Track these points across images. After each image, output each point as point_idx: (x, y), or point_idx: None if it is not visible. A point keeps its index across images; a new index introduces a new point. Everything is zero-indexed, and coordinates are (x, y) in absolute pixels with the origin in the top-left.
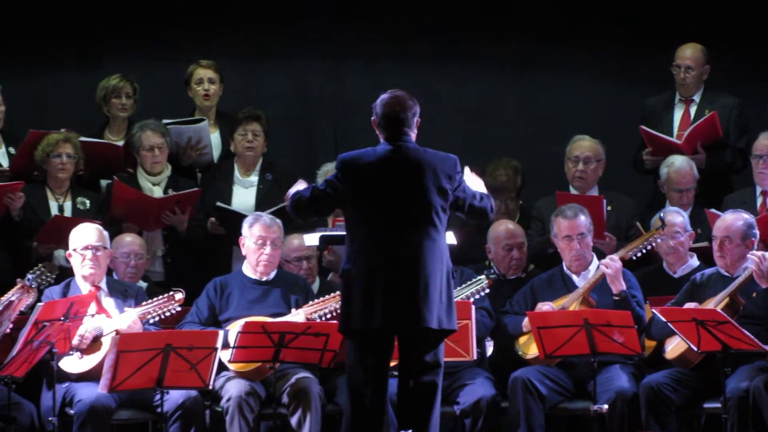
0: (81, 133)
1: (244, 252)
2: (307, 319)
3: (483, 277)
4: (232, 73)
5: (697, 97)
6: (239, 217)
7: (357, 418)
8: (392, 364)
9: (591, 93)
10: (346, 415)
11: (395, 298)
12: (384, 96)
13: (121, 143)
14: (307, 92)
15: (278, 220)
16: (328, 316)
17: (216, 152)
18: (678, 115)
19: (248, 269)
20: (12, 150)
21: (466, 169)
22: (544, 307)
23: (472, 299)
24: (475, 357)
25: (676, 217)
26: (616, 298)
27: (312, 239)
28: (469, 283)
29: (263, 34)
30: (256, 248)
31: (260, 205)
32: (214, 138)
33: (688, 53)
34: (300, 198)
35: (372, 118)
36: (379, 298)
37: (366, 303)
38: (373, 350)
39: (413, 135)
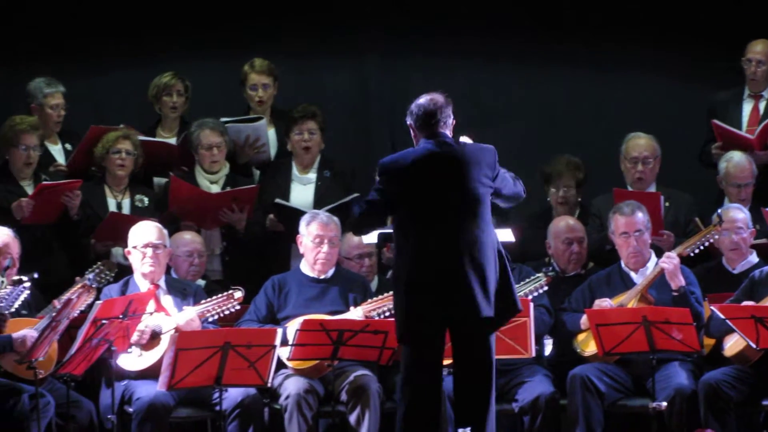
0: (135, 131)
1: (301, 250)
2: (366, 317)
3: (541, 274)
4: (289, 71)
5: (766, 93)
6: (298, 214)
7: (412, 415)
8: (447, 362)
9: (647, 88)
10: (401, 412)
11: (448, 291)
12: (419, 99)
13: (173, 141)
14: (365, 89)
15: (335, 218)
16: (387, 314)
17: (272, 150)
18: (747, 110)
19: (306, 267)
20: (69, 146)
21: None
22: (603, 303)
23: (530, 297)
24: (533, 354)
25: (738, 213)
26: (675, 294)
27: (370, 237)
28: (527, 280)
29: (321, 31)
30: (314, 246)
31: (318, 202)
32: (270, 135)
33: (760, 48)
34: (354, 219)
35: (408, 122)
36: (433, 293)
37: (420, 298)
38: (427, 346)
39: (449, 134)
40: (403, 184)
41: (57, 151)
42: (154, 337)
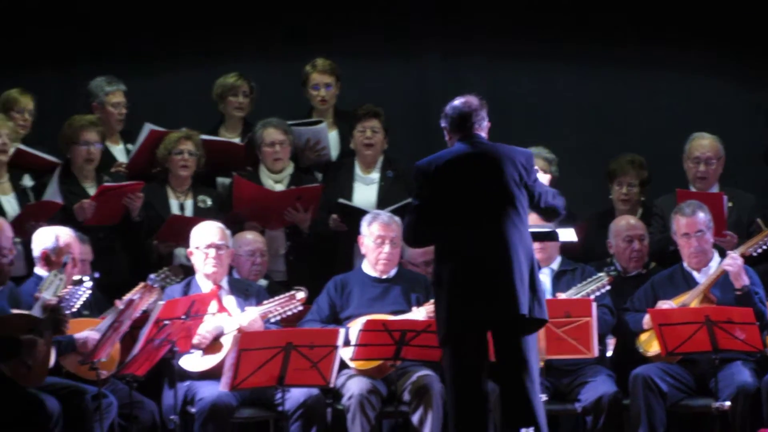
0: (197, 131)
1: (363, 250)
2: (428, 317)
3: (603, 274)
4: (351, 72)
5: None
6: (361, 214)
7: (461, 414)
8: None
9: (712, 88)
10: (452, 414)
11: (488, 290)
12: (453, 102)
13: (236, 141)
14: (426, 90)
15: (397, 218)
16: None
17: (334, 151)
18: None
19: (368, 267)
20: (130, 146)
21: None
22: (663, 305)
23: (593, 296)
24: (596, 354)
25: None
26: (738, 293)
27: None
28: (589, 280)
29: (383, 31)
30: (375, 247)
31: (381, 202)
32: (333, 137)
33: None
34: (407, 224)
35: (442, 125)
36: (472, 292)
37: (460, 299)
38: (468, 349)
39: (484, 136)
40: (438, 186)
41: (119, 151)
42: (216, 338)
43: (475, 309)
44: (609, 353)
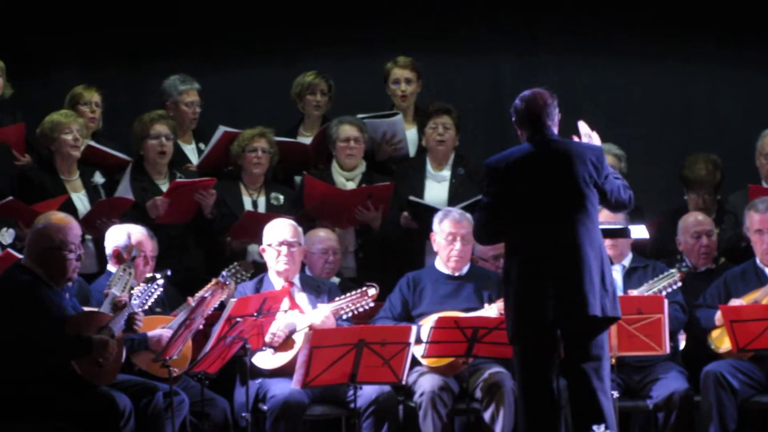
0: (274, 131)
1: (435, 248)
2: (500, 314)
3: (674, 270)
4: (427, 69)
5: None
6: (432, 212)
7: (531, 411)
8: None
9: None
10: (521, 410)
11: (557, 290)
12: (523, 94)
13: (308, 141)
14: (500, 87)
15: (468, 215)
16: None
17: (413, 148)
18: None
19: (440, 264)
20: (202, 146)
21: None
22: (735, 303)
23: (664, 293)
24: (667, 351)
25: None
26: None
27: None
28: (660, 276)
29: (458, 29)
30: (446, 244)
31: (452, 199)
32: (411, 134)
33: None
34: (477, 221)
35: (513, 119)
36: (541, 292)
37: (529, 298)
38: (540, 343)
39: (555, 130)
40: (508, 184)
41: (190, 150)
42: (289, 335)
43: (545, 309)
44: (681, 350)
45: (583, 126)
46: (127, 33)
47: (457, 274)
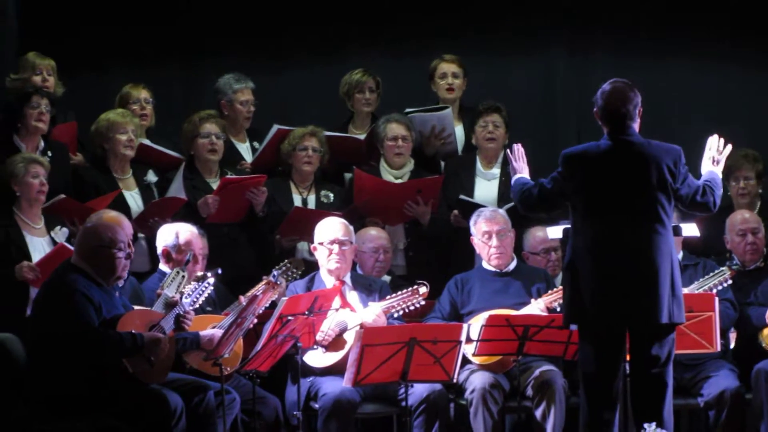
0: (324, 129)
1: (476, 250)
2: (548, 308)
3: (725, 268)
4: (477, 68)
5: None
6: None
7: (592, 409)
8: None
9: None
10: (583, 409)
11: (624, 293)
12: (604, 87)
13: (362, 137)
14: (551, 86)
15: (501, 211)
16: None
17: (459, 146)
18: None
19: (486, 264)
20: (256, 144)
21: (712, 153)
22: None
23: (714, 291)
24: (718, 349)
25: None
26: None
27: (555, 232)
28: (711, 274)
29: (509, 28)
30: (483, 243)
31: (502, 197)
32: (458, 131)
33: None
34: (529, 194)
35: (594, 109)
36: (608, 293)
37: (595, 297)
38: (604, 342)
39: (636, 126)
40: (583, 179)
41: (245, 149)
42: (340, 333)
43: (615, 311)
44: (731, 347)
45: (714, 141)
46: (181, 31)
47: (503, 270)
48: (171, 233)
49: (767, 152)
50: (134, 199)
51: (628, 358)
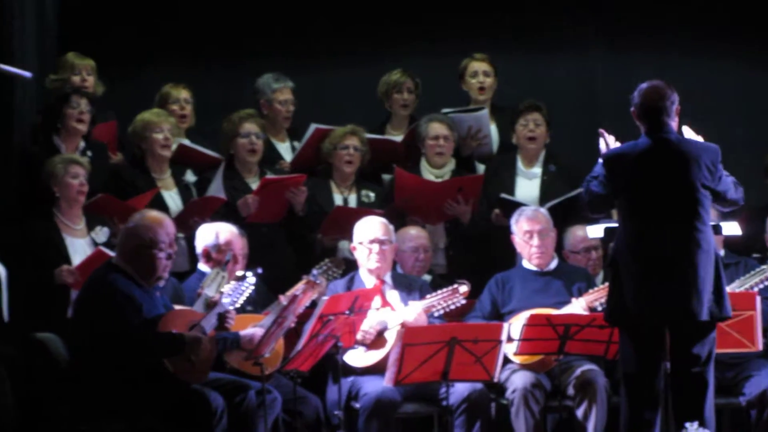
0: (363, 128)
1: (517, 248)
2: (589, 307)
3: (766, 266)
4: (516, 67)
5: None
6: None
7: (633, 409)
8: None
9: None
10: (624, 408)
11: (665, 291)
12: (642, 86)
13: (399, 139)
14: (592, 84)
15: (542, 210)
16: None
17: (493, 146)
18: None
19: (527, 262)
20: (296, 144)
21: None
22: None
23: (756, 289)
24: (760, 348)
25: None
26: None
27: (596, 231)
28: (752, 273)
29: (548, 25)
30: (524, 242)
31: (544, 196)
32: (491, 130)
33: None
34: (583, 198)
35: (631, 109)
36: (649, 291)
37: (636, 296)
38: (645, 341)
39: (673, 124)
40: (623, 179)
41: (285, 149)
42: (380, 333)
43: (656, 310)
44: None
45: (687, 131)
46: (221, 31)
47: (544, 269)
48: (211, 233)
49: None
50: (173, 199)
51: (668, 357)
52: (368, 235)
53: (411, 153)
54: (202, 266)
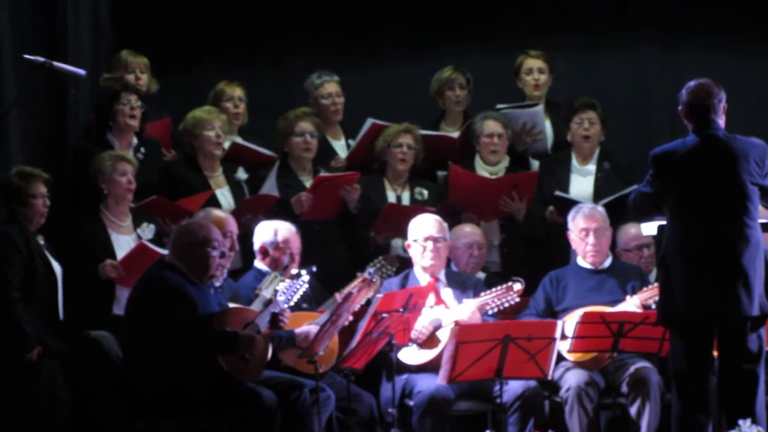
0: (420, 126)
1: (573, 245)
2: (643, 305)
3: None
4: (569, 64)
5: None
6: None
7: (684, 407)
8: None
9: None
10: (675, 406)
11: (715, 289)
12: (689, 84)
13: (455, 135)
14: (644, 82)
15: (600, 209)
16: None
17: (548, 142)
18: None
19: (581, 260)
20: (351, 142)
21: None
22: None
23: None
24: None
25: None
26: None
27: (649, 228)
28: None
29: (600, 23)
30: (580, 240)
31: (598, 193)
32: (546, 127)
33: None
34: (633, 199)
35: (679, 107)
36: (699, 289)
37: (686, 294)
38: (695, 339)
39: (721, 122)
40: (672, 177)
41: (340, 147)
42: (434, 331)
43: (705, 308)
44: None
45: None
46: (272, 29)
47: (599, 267)
48: (270, 230)
49: None
50: (225, 197)
51: (716, 354)
52: (423, 232)
53: (465, 150)
54: (259, 263)
